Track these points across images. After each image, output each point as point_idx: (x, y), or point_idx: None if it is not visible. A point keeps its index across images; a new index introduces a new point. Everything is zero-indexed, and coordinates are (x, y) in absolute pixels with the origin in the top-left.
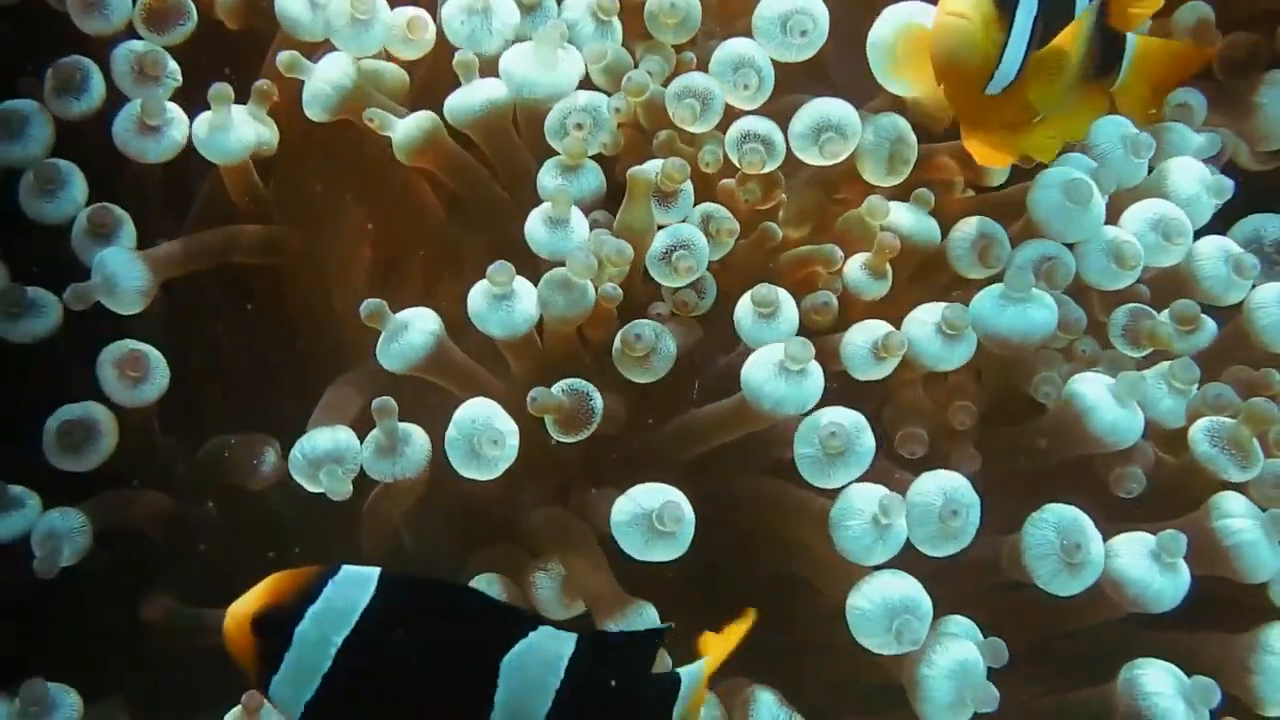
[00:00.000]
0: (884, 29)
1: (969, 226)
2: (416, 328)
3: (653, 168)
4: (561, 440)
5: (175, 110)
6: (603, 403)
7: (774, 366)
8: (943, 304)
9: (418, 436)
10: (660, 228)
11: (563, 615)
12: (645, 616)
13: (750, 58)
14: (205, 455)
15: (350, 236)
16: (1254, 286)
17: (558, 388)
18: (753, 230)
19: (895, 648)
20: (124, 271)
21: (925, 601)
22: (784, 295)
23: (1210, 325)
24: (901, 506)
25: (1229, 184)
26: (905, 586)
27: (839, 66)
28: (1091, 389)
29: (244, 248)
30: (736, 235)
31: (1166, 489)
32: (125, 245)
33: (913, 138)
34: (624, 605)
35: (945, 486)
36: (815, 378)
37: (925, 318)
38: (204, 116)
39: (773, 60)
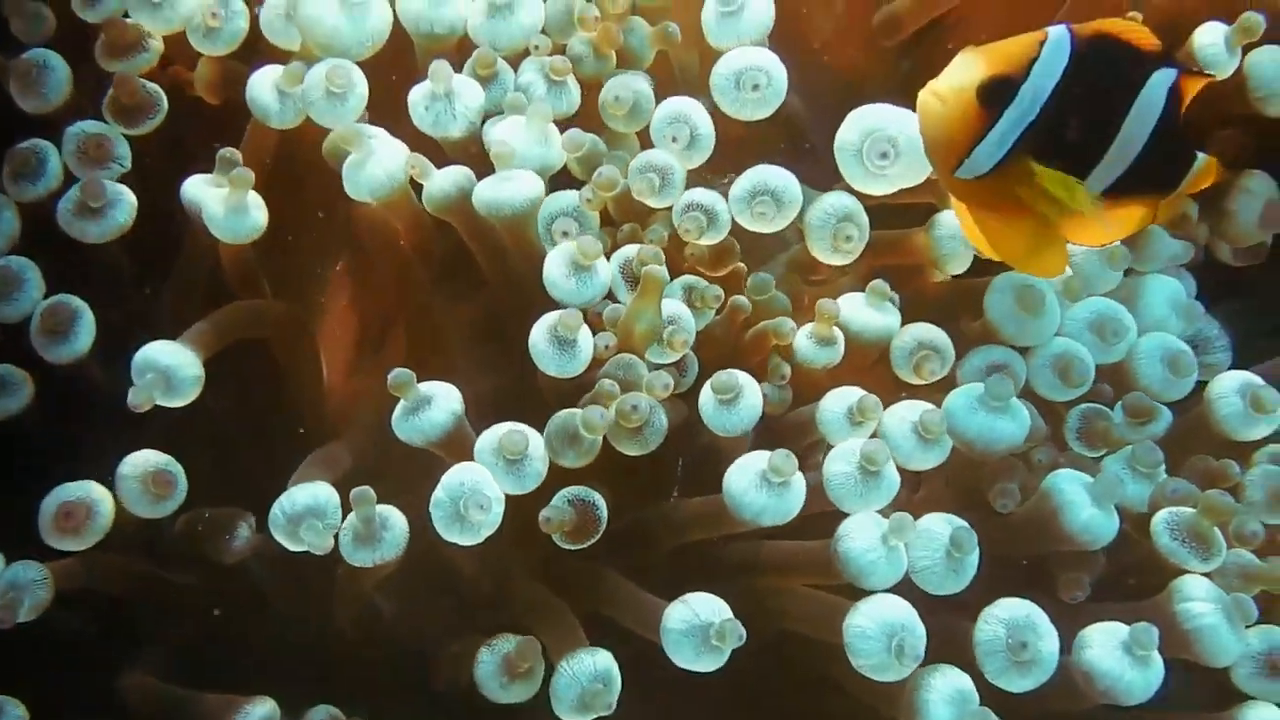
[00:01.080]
0: (849, 133)
1: (909, 335)
2: (440, 405)
3: (630, 253)
4: (567, 549)
5: (121, 191)
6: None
7: (756, 476)
8: (924, 404)
9: (395, 519)
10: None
11: (500, 695)
12: (599, 657)
13: (685, 114)
14: (181, 526)
15: (338, 306)
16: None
17: (562, 498)
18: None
19: (895, 669)
20: (178, 363)
21: (921, 626)
22: (745, 380)
23: (1166, 414)
24: (911, 527)
25: (1200, 309)
26: (903, 608)
27: (820, 141)
28: (1068, 486)
29: (259, 323)
30: (721, 300)
31: (1133, 572)
32: (85, 334)
33: (863, 218)
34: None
35: (952, 522)
36: (798, 489)
37: (904, 414)
38: (216, 195)
39: (746, 126)
